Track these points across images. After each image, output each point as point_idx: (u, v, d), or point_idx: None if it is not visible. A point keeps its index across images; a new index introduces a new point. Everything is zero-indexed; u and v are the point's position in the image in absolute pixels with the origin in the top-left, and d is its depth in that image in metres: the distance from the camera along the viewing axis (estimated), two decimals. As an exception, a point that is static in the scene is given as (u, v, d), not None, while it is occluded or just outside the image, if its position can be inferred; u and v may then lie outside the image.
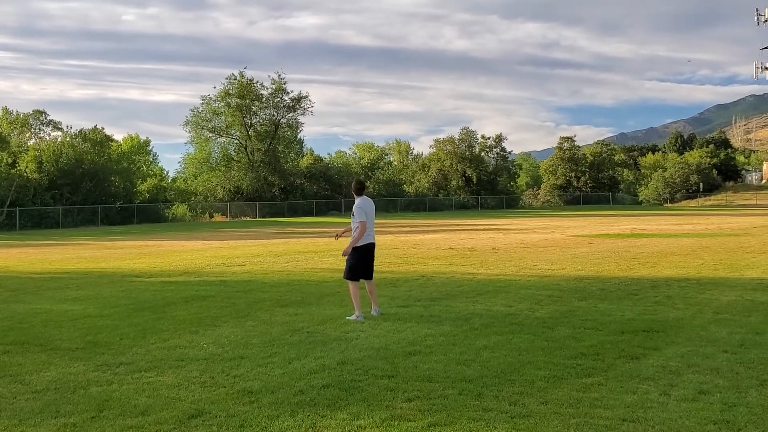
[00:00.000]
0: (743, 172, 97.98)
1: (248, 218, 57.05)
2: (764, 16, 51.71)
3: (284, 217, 57.48)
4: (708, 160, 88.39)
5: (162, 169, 77.93)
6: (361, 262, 9.11)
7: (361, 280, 9.19)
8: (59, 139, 54.39)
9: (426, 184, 76.07)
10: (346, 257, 9.26)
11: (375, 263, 9.50)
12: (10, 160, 49.09)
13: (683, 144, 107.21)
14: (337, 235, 10.12)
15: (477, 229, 32.56)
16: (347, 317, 8.88)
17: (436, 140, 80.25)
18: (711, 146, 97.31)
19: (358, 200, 9.24)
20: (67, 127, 55.68)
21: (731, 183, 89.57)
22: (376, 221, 9.49)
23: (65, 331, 8.43)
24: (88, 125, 74.85)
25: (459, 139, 78.61)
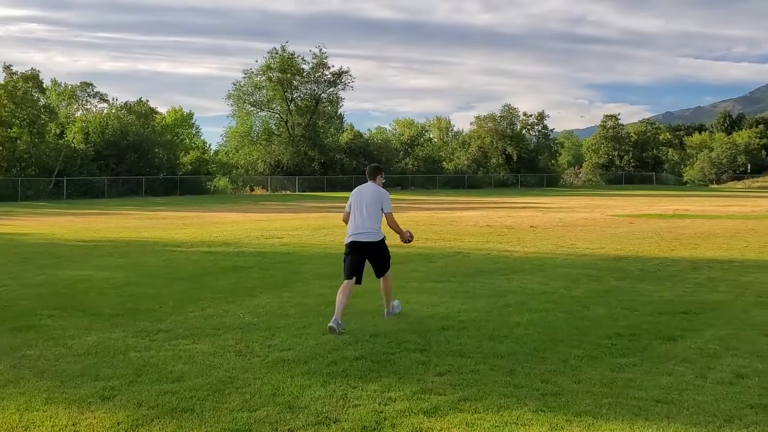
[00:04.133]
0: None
1: (288, 192, 57.49)
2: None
3: (323, 191, 57.75)
4: (757, 140, 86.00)
5: (204, 142, 79.03)
6: (347, 258, 7.37)
7: (373, 281, 7.76)
8: (105, 111, 55.44)
9: (465, 162, 75.47)
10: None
11: (416, 238, 8.97)
12: (58, 131, 50.26)
13: (732, 124, 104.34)
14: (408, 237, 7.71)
15: (515, 207, 32.30)
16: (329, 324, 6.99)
17: (477, 117, 79.42)
18: (761, 126, 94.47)
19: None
20: (113, 99, 56.52)
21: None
22: (415, 198, 8.88)
23: (107, 298, 8.65)
24: (123, 97, 75.99)
25: (500, 117, 77.67)
